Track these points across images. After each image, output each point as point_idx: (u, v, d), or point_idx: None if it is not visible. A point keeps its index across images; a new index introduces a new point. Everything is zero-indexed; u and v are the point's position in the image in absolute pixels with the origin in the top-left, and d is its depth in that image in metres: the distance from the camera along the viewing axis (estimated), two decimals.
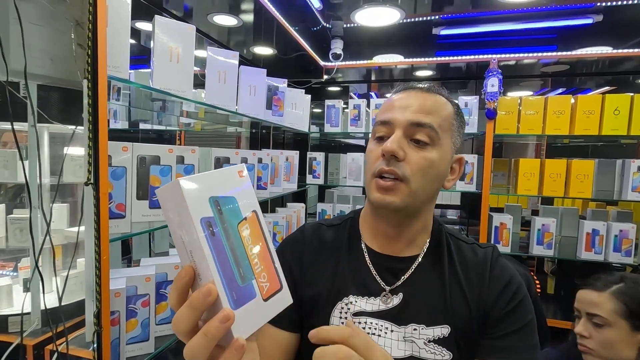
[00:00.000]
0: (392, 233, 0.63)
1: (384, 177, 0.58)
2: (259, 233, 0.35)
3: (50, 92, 1.17)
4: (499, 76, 1.88)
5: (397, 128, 0.59)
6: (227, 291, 0.31)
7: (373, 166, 0.60)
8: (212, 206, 0.32)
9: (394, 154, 0.56)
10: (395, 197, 0.57)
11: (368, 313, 0.60)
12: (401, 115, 0.59)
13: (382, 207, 0.59)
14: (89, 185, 0.65)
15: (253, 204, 0.35)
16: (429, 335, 0.58)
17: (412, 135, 0.58)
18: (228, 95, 1.27)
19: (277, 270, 0.36)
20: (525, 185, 1.97)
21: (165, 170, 0.96)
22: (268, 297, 0.34)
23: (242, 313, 0.32)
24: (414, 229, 0.63)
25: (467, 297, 0.60)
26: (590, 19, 1.64)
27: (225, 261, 0.31)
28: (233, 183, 0.34)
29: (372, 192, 0.59)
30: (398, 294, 0.61)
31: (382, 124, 0.61)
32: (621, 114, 1.82)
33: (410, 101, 0.60)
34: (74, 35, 1.12)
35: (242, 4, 1.57)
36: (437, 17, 1.83)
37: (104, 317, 0.69)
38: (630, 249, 1.84)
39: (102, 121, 0.64)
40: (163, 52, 0.98)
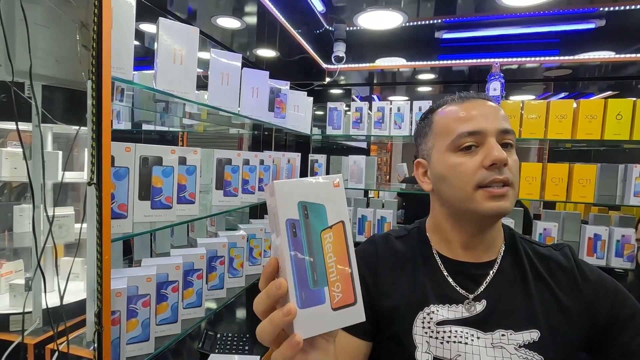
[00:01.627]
0: (471, 241, 0.64)
1: (493, 187, 0.58)
2: (342, 244, 0.36)
3: (55, 92, 1.18)
4: (501, 80, 1.88)
5: (489, 137, 0.59)
6: (297, 290, 0.34)
7: (473, 177, 0.59)
8: (299, 209, 0.34)
9: (506, 162, 0.57)
10: (508, 203, 0.58)
11: (452, 321, 0.60)
12: (490, 124, 0.59)
13: (496, 216, 0.59)
14: (91, 185, 0.66)
15: (342, 215, 0.37)
16: (518, 341, 0.58)
17: (501, 141, 0.59)
18: (230, 97, 1.27)
19: (354, 284, 0.36)
20: (527, 189, 1.96)
21: (167, 171, 0.96)
22: (338, 308, 0.35)
23: (307, 313, 0.34)
24: (492, 234, 0.64)
25: (560, 297, 0.60)
26: (593, 23, 1.64)
27: (301, 263, 0.34)
28: (326, 192, 0.36)
29: (483, 202, 0.58)
30: (481, 301, 0.61)
31: (469, 135, 0.60)
32: (624, 119, 1.82)
33: (485, 110, 0.61)
34: (79, 37, 1.13)
35: (246, 6, 1.59)
36: (439, 21, 1.84)
37: (105, 317, 0.69)
38: (632, 254, 1.83)
39: (106, 122, 0.65)
40: (167, 54, 0.99)
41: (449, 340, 0.59)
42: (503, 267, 0.63)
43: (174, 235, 1.67)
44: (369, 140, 3.37)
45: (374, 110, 2.13)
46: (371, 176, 2.22)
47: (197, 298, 1.12)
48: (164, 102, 1.41)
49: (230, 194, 1.31)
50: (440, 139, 0.64)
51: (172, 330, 1.01)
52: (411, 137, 2.17)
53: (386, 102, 2.12)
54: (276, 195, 0.34)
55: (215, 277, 1.24)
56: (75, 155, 1.35)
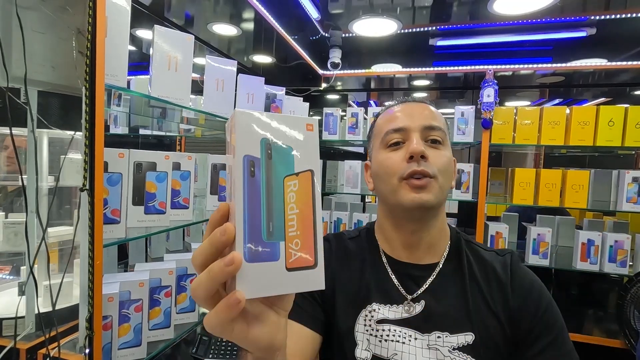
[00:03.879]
0: (412, 240, 0.65)
1: (414, 178, 0.60)
2: (308, 196, 0.30)
3: (51, 98, 1.19)
4: (495, 87, 1.90)
5: (412, 132, 0.62)
6: (246, 238, 0.28)
7: (398, 171, 0.61)
8: (262, 147, 0.29)
9: (423, 154, 0.60)
10: (430, 195, 0.60)
11: (391, 321, 0.62)
12: (413, 122, 0.63)
13: (418, 207, 0.60)
14: (84, 191, 0.67)
15: (312, 163, 0.31)
16: (452, 343, 0.59)
17: (426, 137, 0.63)
18: (226, 102, 1.29)
19: (315, 245, 0.31)
20: (521, 194, 1.98)
21: (161, 176, 0.97)
22: (293, 268, 0.29)
23: (255, 270, 0.28)
24: (433, 234, 0.65)
25: (490, 304, 0.61)
26: (584, 32, 1.67)
27: (255, 208, 0.28)
28: (296, 133, 0.30)
29: (405, 194, 0.60)
30: (420, 302, 0.62)
31: (395, 132, 0.64)
32: (615, 125, 1.84)
33: (414, 110, 0.65)
34: (75, 43, 1.14)
35: (242, 13, 1.60)
36: (434, 29, 1.86)
37: (96, 322, 0.70)
38: (625, 259, 1.84)
39: (99, 128, 0.66)
40: (162, 61, 1.00)
41: (387, 339, 0.61)
42: (443, 271, 0.65)
43: (170, 240, 1.67)
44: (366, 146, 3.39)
45: (370, 116, 2.15)
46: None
47: (191, 303, 1.12)
48: (161, 108, 1.42)
49: (224, 199, 1.32)
50: (376, 139, 0.68)
51: (165, 335, 1.01)
52: None
53: (381, 108, 2.13)
54: (236, 126, 0.28)
55: None
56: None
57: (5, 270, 1.46)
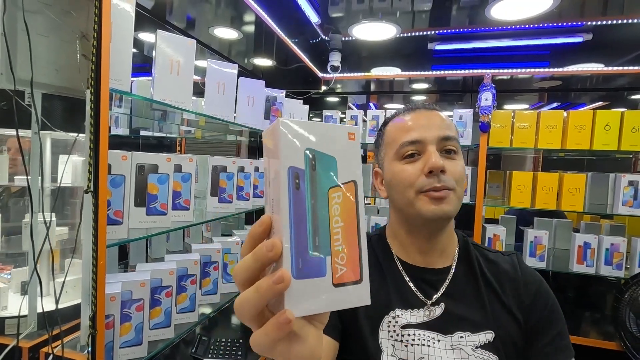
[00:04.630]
0: (425, 246, 0.67)
1: (434, 190, 0.61)
2: (352, 208, 0.30)
3: (54, 100, 1.21)
4: (493, 90, 1.92)
5: (429, 144, 0.63)
6: (293, 254, 0.27)
7: (414, 184, 0.62)
8: (306, 158, 0.28)
9: (443, 168, 0.61)
10: (450, 206, 0.61)
11: (414, 325, 0.63)
12: (429, 133, 0.63)
13: (438, 219, 0.62)
14: (88, 193, 0.69)
15: (355, 174, 0.30)
16: (475, 342, 0.61)
17: (442, 148, 0.63)
18: (227, 105, 1.30)
19: (361, 259, 0.30)
20: (518, 197, 2.00)
21: (162, 178, 0.99)
22: (340, 284, 0.28)
23: (303, 286, 0.27)
24: (444, 240, 0.67)
25: (505, 302, 0.64)
26: (580, 37, 1.69)
27: (301, 222, 0.27)
28: (339, 143, 0.30)
29: (423, 205, 0.61)
30: (439, 305, 0.64)
31: (410, 144, 0.64)
32: (612, 130, 1.86)
33: (427, 119, 0.65)
34: (79, 47, 1.16)
35: (242, 18, 1.62)
36: (432, 33, 1.88)
37: (99, 320, 0.71)
38: (621, 262, 1.86)
39: (103, 131, 0.67)
40: (164, 65, 1.02)
41: (412, 344, 0.62)
42: (457, 273, 0.67)
43: (170, 241, 1.69)
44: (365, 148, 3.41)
45: (369, 119, 2.17)
46: (367, 183, 2.25)
47: (191, 303, 1.14)
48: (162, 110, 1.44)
49: (225, 201, 1.34)
50: (389, 148, 0.68)
51: (166, 335, 1.03)
52: None
53: (381, 111, 2.16)
54: (280, 136, 0.27)
55: (209, 283, 1.26)
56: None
57: (7, 269, 1.48)
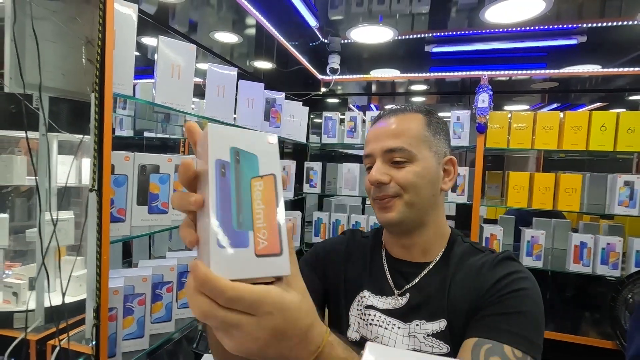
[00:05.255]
0: (407, 242, 0.71)
1: (380, 199, 0.68)
2: (271, 195, 0.34)
3: (60, 103, 1.25)
4: (489, 92, 1.95)
5: (377, 158, 0.68)
6: (220, 227, 0.31)
7: (370, 193, 0.70)
8: (231, 154, 0.33)
9: (380, 181, 0.66)
10: (392, 213, 0.66)
11: (378, 309, 0.68)
12: (377, 146, 0.68)
13: (386, 224, 0.69)
14: (93, 192, 0.73)
15: (274, 168, 0.35)
16: (427, 330, 0.64)
17: (391, 159, 0.67)
18: (227, 107, 1.34)
19: (280, 236, 0.34)
20: (515, 197, 2.02)
21: (164, 178, 1.03)
22: (262, 255, 0.33)
23: (228, 254, 0.31)
24: (427, 237, 0.70)
25: (466, 293, 0.63)
26: (575, 40, 1.71)
27: (226, 202, 0.32)
28: (259, 145, 0.35)
29: (377, 212, 0.69)
30: (405, 295, 0.68)
31: (366, 157, 0.71)
32: (607, 130, 1.88)
33: (382, 130, 0.69)
34: (84, 52, 1.20)
35: (243, 22, 1.67)
36: (430, 35, 1.91)
37: (103, 313, 0.75)
38: (617, 261, 1.87)
39: (107, 133, 0.71)
40: (166, 69, 1.06)
41: (372, 323, 0.68)
42: (434, 269, 0.69)
43: (172, 239, 1.74)
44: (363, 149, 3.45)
45: (368, 119, 2.20)
46: (364, 184, 2.28)
47: None
48: (164, 113, 1.48)
49: None
50: None
51: (166, 329, 1.07)
52: None
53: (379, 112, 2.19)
54: (209, 136, 0.32)
55: None
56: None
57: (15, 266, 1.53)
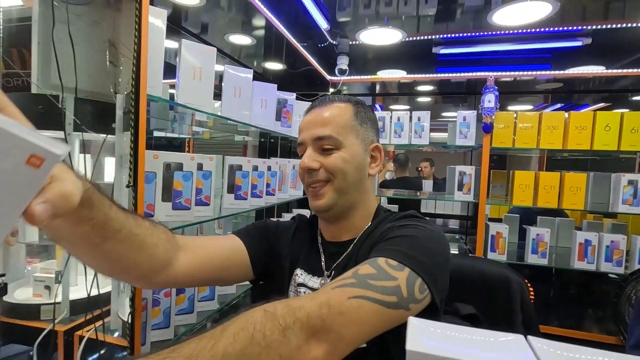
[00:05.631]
0: (337, 225, 0.75)
1: (312, 187, 0.72)
2: None
3: (83, 104, 1.30)
4: (495, 93, 1.99)
5: (308, 145, 0.72)
6: None
7: (303, 181, 0.74)
8: None
9: (310, 167, 0.70)
10: (323, 199, 0.70)
11: (308, 287, 0.73)
12: (307, 134, 0.72)
13: (317, 211, 0.73)
14: (129, 187, 0.77)
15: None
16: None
17: (321, 147, 0.71)
18: (243, 108, 1.39)
19: None
20: (520, 196, 2.06)
21: (187, 175, 1.07)
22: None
23: None
24: (353, 219, 0.74)
25: (370, 249, 0.67)
26: (580, 41, 1.75)
27: None
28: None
29: (310, 200, 0.74)
30: (332, 273, 0.73)
31: (299, 145, 0.75)
32: (612, 130, 1.92)
33: (312, 120, 0.73)
34: (108, 54, 1.25)
35: (254, 23, 1.71)
36: (437, 37, 1.96)
37: (137, 302, 0.80)
38: (621, 259, 1.91)
39: (142, 133, 0.76)
40: (187, 71, 1.11)
41: None
42: (357, 243, 0.73)
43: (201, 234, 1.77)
44: None
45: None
46: None
47: (210, 292, 1.22)
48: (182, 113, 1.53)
49: (240, 198, 1.42)
50: None
51: (189, 320, 1.11)
52: (410, 145, 2.28)
53: (387, 112, 2.23)
54: None
55: None
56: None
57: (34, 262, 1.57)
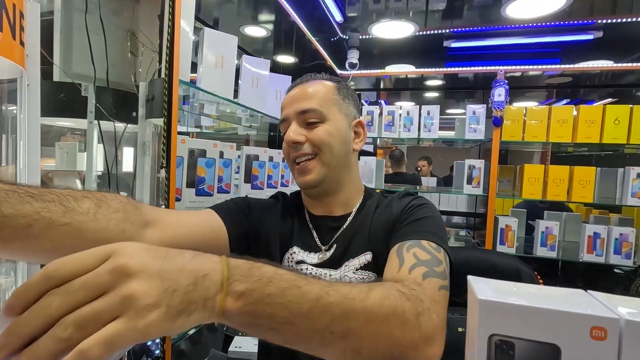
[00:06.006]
0: (327, 200, 0.74)
1: (298, 163, 0.70)
2: None
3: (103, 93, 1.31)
4: (506, 86, 2.00)
5: (292, 120, 0.71)
6: None
7: (288, 158, 0.72)
8: None
9: (295, 141, 0.69)
10: (311, 175, 0.69)
11: (309, 263, 0.72)
12: (291, 109, 0.71)
13: (305, 186, 0.71)
14: (163, 168, 0.78)
15: None
16: (356, 265, 0.69)
17: (305, 121, 0.70)
18: (259, 98, 1.40)
19: None
20: (529, 189, 2.07)
21: (210, 162, 1.08)
22: None
23: None
24: (345, 193, 0.74)
25: (385, 223, 0.70)
26: (591, 35, 1.77)
27: None
28: None
29: (296, 177, 0.72)
30: (332, 247, 0.72)
31: (282, 122, 0.73)
32: (621, 124, 1.93)
33: (295, 95, 0.72)
34: (129, 44, 1.26)
35: (269, 15, 1.72)
36: (448, 31, 1.97)
37: None
38: (630, 251, 1.93)
39: (174, 116, 0.77)
40: (210, 59, 1.12)
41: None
42: (353, 217, 0.73)
43: None
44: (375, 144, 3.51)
45: (385, 114, 2.25)
46: (380, 177, 2.35)
47: None
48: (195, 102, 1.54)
49: (257, 187, 1.43)
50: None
51: None
52: (419, 139, 2.29)
53: (396, 107, 2.25)
54: None
55: None
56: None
57: None
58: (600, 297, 0.33)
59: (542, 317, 0.30)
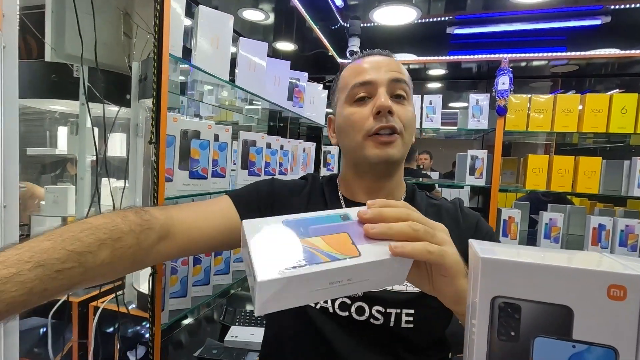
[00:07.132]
0: (376, 186, 0.67)
1: (381, 134, 0.61)
2: None
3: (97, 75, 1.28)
4: (510, 75, 1.96)
5: (380, 86, 0.62)
6: None
7: (363, 127, 0.62)
8: None
9: (390, 109, 0.60)
10: (395, 150, 0.62)
11: None
12: (379, 75, 0.62)
13: (383, 162, 0.62)
14: (151, 144, 0.75)
15: None
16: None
17: (392, 92, 0.63)
18: (257, 82, 1.37)
19: None
20: (533, 180, 2.03)
21: (204, 144, 1.05)
22: None
23: None
24: (392, 184, 0.68)
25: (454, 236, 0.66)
26: (599, 20, 1.72)
27: None
28: None
29: (370, 150, 0.62)
30: None
31: (361, 85, 0.63)
32: (628, 113, 1.88)
33: (380, 63, 0.64)
34: (122, 25, 1.23)
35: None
36: (451, 17, 1.92)
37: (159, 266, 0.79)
38: (636, 243, 1.89)
39: (164, 90, 0.74)
40: (205, 38, 1.09)
41: None
42: None
43: None
44: None
45: None
46: None
47: (225, 266, 1.21)
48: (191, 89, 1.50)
49: (254, 174, 1.40)
50: (342, 93, 0.67)
51: (205, 292, 1.10)
52: (421, 129, 2.25)
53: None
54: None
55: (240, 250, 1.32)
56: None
57: None
58: (616, 257, 0.30)
59: (553, 276, 0.26)
